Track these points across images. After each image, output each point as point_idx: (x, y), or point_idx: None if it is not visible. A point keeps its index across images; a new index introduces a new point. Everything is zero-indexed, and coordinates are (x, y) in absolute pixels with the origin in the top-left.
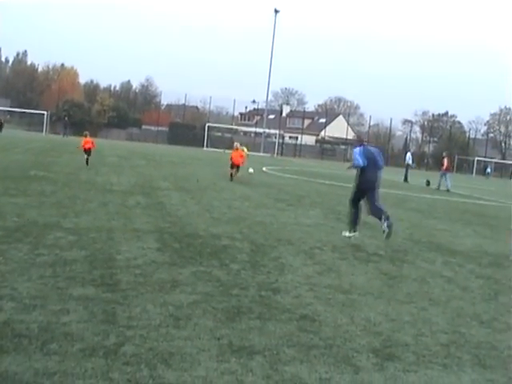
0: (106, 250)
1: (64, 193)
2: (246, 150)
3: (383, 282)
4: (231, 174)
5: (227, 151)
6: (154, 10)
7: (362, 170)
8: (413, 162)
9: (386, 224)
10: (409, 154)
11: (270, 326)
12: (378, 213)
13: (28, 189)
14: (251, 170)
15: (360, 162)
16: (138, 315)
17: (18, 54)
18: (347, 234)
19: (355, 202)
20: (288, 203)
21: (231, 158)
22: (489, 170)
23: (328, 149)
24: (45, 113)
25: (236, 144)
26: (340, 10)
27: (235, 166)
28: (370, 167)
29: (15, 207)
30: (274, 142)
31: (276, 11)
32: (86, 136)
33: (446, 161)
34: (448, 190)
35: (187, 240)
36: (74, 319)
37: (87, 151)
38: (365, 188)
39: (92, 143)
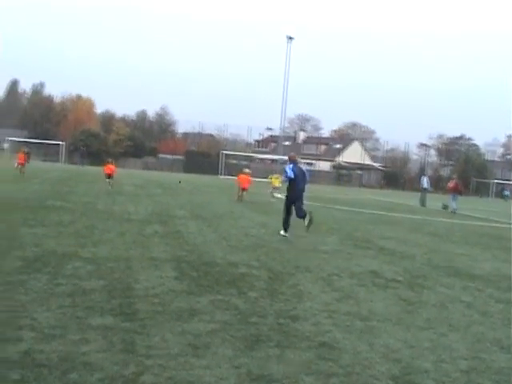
0: (124, 280)
1: (82, 222)
2: (278, 177)
3: (402, 308)
4: (239, 196)
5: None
6: (169, 40)
7: (292, 183)
8: (429, 185)
9: (308, 218)
10: (425, 178)
11: (288, 353)
12: (301, 214)
13: (46, 219)
14: (279, 195)
15: (291, 174)
16: (156, 344)
17: (35, 86)
18: (282, 232)
19: (287, 209)
20: (305, 230)
21: (240, 182)
22: (507, 192)
23: (344, 174)
24: (62, 143)
25: (245, 169)
26: (354, 36)
27: (242, 189)
28: (298, 180)
29: (34, 237)
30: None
31: (290, 38)
32: (108, 162)
33: (453, 183)
34: (454, 212)
35: (205, 268)
36: (94, 349)
37: (109, 176)
38: (294, 198)
39: (112, 169)
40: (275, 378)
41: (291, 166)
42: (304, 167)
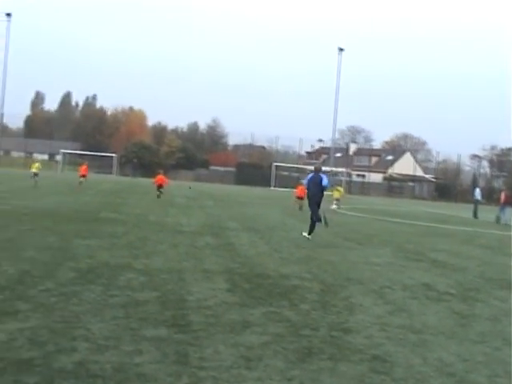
0: (177, 291)
1: (134, 234)
2: (340, 189)
3: (455, 322)
4: (300, 206)
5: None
6: (220, 54)
7: (308, 189)
8: (482, 197)
9: (324, 222)
10: (478, 190)
11: (341, 366)
12: (315, 219)
13: (99, 230)
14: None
15: (304, 183)
16: (209, 356)
17: (87, 98)
18: (305, 234)
19: (311, 209)
20: (357, 242)
21: (297, 192)
22: None
23: (396, 186)
24: (114, 155)
25: (302, 181)
26: (405, 46)
27: (300, 198)
28: (310, 187)
29: (87, 249)
30: (342, 181)
31: (340, 49)
32: (159, 173)
33: (503, 195)
34: (506, 224)
35: (257, 280)
36: (147, 360)
37: (159, 187)
38: (309, 201)
39: (163, 180)
40: None
41: (311, 175)
42: (324, 175)
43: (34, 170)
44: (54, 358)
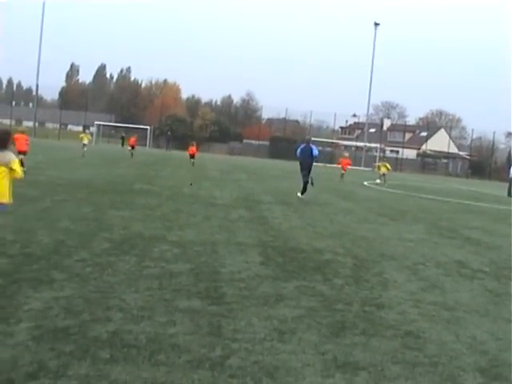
0: (210, 264)
1: (168, 206)
2: (388, 165)
3: (488, 300)
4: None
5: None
6: (255, 28)
7: (299, 158)
8: None
9: (311, 182)
10: None
11: (374, 342)
12: (306, 180)
13: (133, 202)
14: (378, 181)
15: (298, 153)
16: (242, 328)
17: (121, 71)
18: (299, 194)
19: (302, 174)
20: (390, 218)
21: (341, 163)
22: None
23: (429, 163)
24: (148, 127)
25: (345, 153)
26: (441, 22)
27: (343, 170)
28: (302, 157)
29: (121, 220)
30: (375, 156)
31: (376, 24)
32: (192, 145)
33: None
34: None
35: (290, 254)
36: (181, 331)
37: (192, 157)
38: (301, 168)
39: (194, 151)
40: (361, 365)
41: (302, 146)
42: (314, 146)
43: (84, 142)
44: (89, 328)
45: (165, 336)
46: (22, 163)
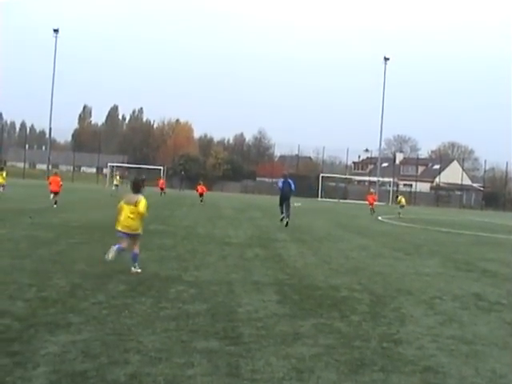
0: (227, 303)
1: (183, 246)
2: (403, 200)
3: (507, 332)
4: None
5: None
6: (265, 66)
7: (280, 192)
8: None
9: (287, 216)
10: None
11: (393, 378)
12: (287, 213)
13: (148, 243)
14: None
15: (279, 186)
16: (261, 368)
17: (134, 112)
18: (286, 219)
19: (280, 206)
20: (405, 252)
21: (368, 199)
22: None
23: (443, 195)
24: (161, 168)
25: (371, 189)
26: (450, 54)
27: (371, 204)
28: (283, 191)
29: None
30: (389, 190)
31: (386, 59)
32: (199, 184)
33: None
34: None
35: (307, 292)
36: (199, 372)
37: (200, 195)
38: (281, 200)
39: (202, 189)
40: None
41: (282, 180)
42: (291, 181)
43: (115, 183)
44: (108, 370)
45: (183, 378)
46: (55, 202)
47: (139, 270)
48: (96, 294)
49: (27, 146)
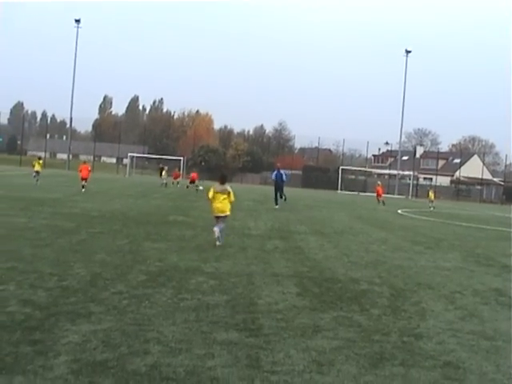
0: (247, 295)
1: (203, 237)
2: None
3: None
4: (382, 202)
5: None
6: (286, 59)
7: (274, 182)
8: None
9: (284, 199)
10: None
11: (413, 373)
12: (282, 197)
13: (168, 234)
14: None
15: (273, 177)
16: (281, 360)
17: (154, 102)
18: (275, 206)
19: (275, 194)
20: (425, 246)
21: (377, 191)
22: None
23: (463, 189)
24: (181, 158)
25: (378, 182)
26: (471, 47)
27: (379, 196)
28: (277, 180)
29: (157, 252)
30: (409, 184)
31: (407, 52)
32: (193, 171)
33: None
34: None
35: (326, 284)
36: (219, 363)
37: (192, 182)
38: (276, 189)
39: (194, 176)
40: None
41: (275, 171)
42: (283, 172)
43: (163, 177)
44: (128, 361)
45: (203, 369)
46: (83, 186)
47: (221, 243)
48: (116, 284)
49: (48, 136)
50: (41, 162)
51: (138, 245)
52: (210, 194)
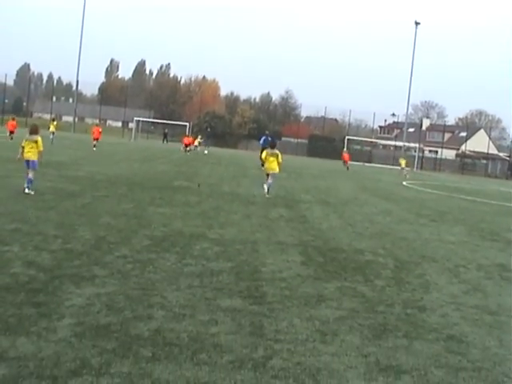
0: (251, 262)
1: (208, 204)
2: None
3: None
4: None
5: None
6: (297, 23)
7: (261, 146)
8: None
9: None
10: None
11: (416, 345)
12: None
13: (173, 199)
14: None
15: (262, 142)
16: (284, 329)
17: (161, 67)
18: (263, 168)
19: (260, 158)
20: (430, 219)
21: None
22: None
23: (468, 163)
24: (187, 124)
25: (345, 149)
26: (482, 22)
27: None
28: (264, 145)
29: (162, 217)
30: (414, 156)
31: (416, 23)
32: (187, 136)
33: None
34: None
35: (331, 254)
36: (223, 330)
37: (186, 146)
38: (262, 152)
39: (189, 140)
40: (404, 369)
41: (264, 137)
42: (270, 138)
43: (196, 144)
44: (131, 325)
45: (207, 335)
46: (94, 145)
47: (269, 196)
48: (120, 248)
49: (54, 98)
50: (55, 123)
51: (143, 209)
52: (263, 156)
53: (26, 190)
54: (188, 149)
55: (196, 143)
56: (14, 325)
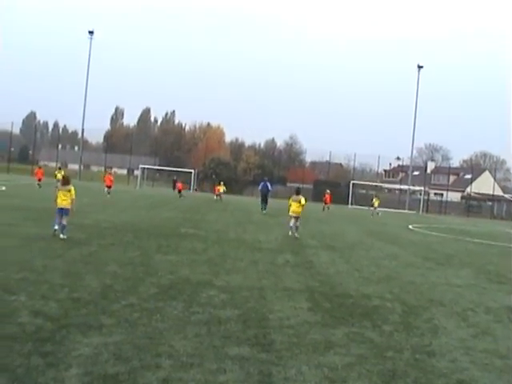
0: (258, 309)
1: (214, 250)
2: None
3: None
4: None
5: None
6: (298, 70)
7: (260, 191)
8: None
9: (264, 208)
10: None
11: None
12: (265, 207)
13: (179, 246)
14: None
15: (259, 188)
16: (293, 376)
17: (166, 114)
18: (264, 211)
19: (261, 202)
20: (437, 262)
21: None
22: None
23: (474, 205)
24: (192, 171)
25: (327, 191)
26: (483, 65)
27: (325, 203)
28: (262, 190)
29: (168, 265)
30: (419, 199)
31: (419, 67)
32: (177, 181)
33: None
34: None
35: (338, 300)
36: (231, 379)
37: (179, 191)
38: (262, 197)
39: (180, 186)
40: None
41: (262, 183)
42: (269, 184)
43: (221, 191)
44: (139, 374)
45: None
46: (108, 193)
47: (297, 236)
48: (127, 297)
49: (60, 146)
50: (62, 171)
51: (150, 257)
52: (289, 202)
53: (61, 236)
54: (215, 198)
55: (221, 190)
56: (22, 375)
